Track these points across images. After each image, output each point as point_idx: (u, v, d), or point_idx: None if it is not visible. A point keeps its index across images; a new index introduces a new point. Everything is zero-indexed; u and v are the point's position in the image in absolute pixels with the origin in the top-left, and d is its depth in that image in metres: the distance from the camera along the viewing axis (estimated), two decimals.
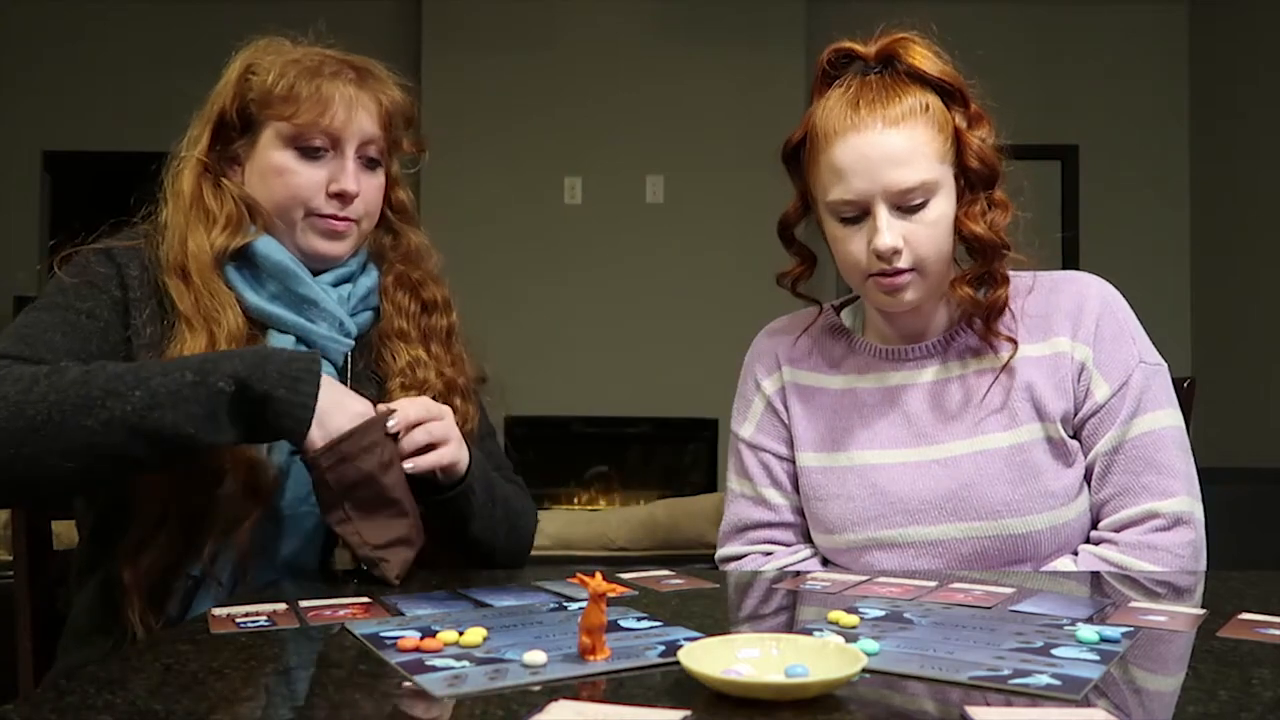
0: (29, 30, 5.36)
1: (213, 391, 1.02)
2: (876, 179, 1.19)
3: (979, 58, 1.29)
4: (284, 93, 1.22)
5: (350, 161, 1.24)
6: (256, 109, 1.24)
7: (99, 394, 1.00)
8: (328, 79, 1.23)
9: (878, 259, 1.21)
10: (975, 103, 1.25)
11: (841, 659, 0.68)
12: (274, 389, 1.03)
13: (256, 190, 1.25)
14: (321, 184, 1.24)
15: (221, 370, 1.03)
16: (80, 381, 1.01)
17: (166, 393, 1.01)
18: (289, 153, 1.23)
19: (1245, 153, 5.05)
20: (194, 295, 1.18)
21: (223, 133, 1.27)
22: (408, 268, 1.34)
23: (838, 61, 1.28)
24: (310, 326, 1.23)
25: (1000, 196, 1.25)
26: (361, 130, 1.25)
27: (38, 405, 0.99)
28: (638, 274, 5.19)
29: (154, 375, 1.02)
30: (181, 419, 1.01)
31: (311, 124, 1.22)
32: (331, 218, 1.25)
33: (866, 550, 1.28)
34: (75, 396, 1.00)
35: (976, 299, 1.26)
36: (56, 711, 0.63)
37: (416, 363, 1.29)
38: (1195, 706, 0.65)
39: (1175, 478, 1.23)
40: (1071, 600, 0.97)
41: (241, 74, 1.26)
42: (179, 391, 1.01)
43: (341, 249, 1.27)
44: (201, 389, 1.02)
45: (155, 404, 1.00)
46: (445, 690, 0.66)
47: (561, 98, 5.22)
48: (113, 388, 1.00)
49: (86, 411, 0.99)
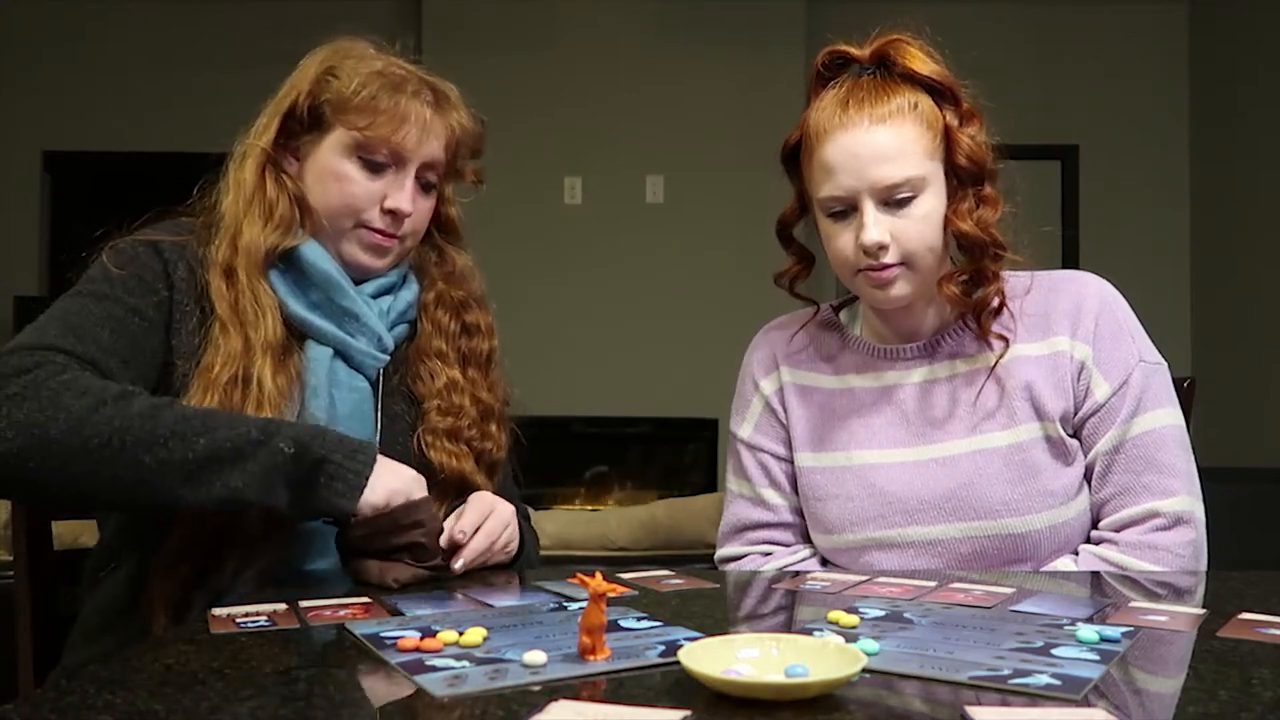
0: (29, 30, 5.35)
1: (273, 451, 1.02)
2: (863, 175, 1.21)
3: (979, 58, 1.29)
4: (363, 103, 1.21)
5: (409, 181, 1.24)
6: (330, 111, 1.23)
7: (164, 434, 1.00)
8: (408, 97, 1.22)
9: (865, 254, 1.22)
10: (967, 101, 1.26)
11: (841, 659, 0.68)
12: (331, 453, 1.04)
13: (311, 190, 1.24)
14: (376, 198, 1.23)
15: (284, 433, 1.03)
16: (148, 415, 1.01)
17: (230, 447, 1.01)
18: (352, 162, 1.22)
19: (1245, 153, 5.04)
20: (235, 295, 1.17)
21: (288, 125, 1.25)
22: (450, 287, 1.34)
23: (832, 63, 1.29)
24: (349, 340, 1.22)
25: (989, 193, 1.25)
26: (428, 154, 1.24)
27: (100, 428, 0.98)
28: (638, 274, 5.18)
29: (220, 427, 1.02)
30: (237, 475, 1.01)
31: (383, 139, 1.21)
32: (380, 233, 1.24)
33: (866, 550, 1.28)
34: (139, 430, 0.99)
35: (963, 298, 1.26)
36: (56, 711, 0.63)
37: (453, 386, 1.28)
38: (1195, 706, 0.65)
39: (1176, 477, 1.23)
40: (1071, 600, 0.97)
41: (321, 73, 1.24)
42: (241, 448, 1.01)
43: (382, 264, 1.26)
44: (264, 448, 1.02)
45: (216, 456, 1.00)
46: (445, 690, 0.66)
47: (561, 98, 5.21)
48: (179, 430, 1.00)
49: (147, 448, 0.99)
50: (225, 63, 5.21)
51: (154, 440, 0.99)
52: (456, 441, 1.26)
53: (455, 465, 1.25)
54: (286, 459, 1.02)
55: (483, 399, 1.30)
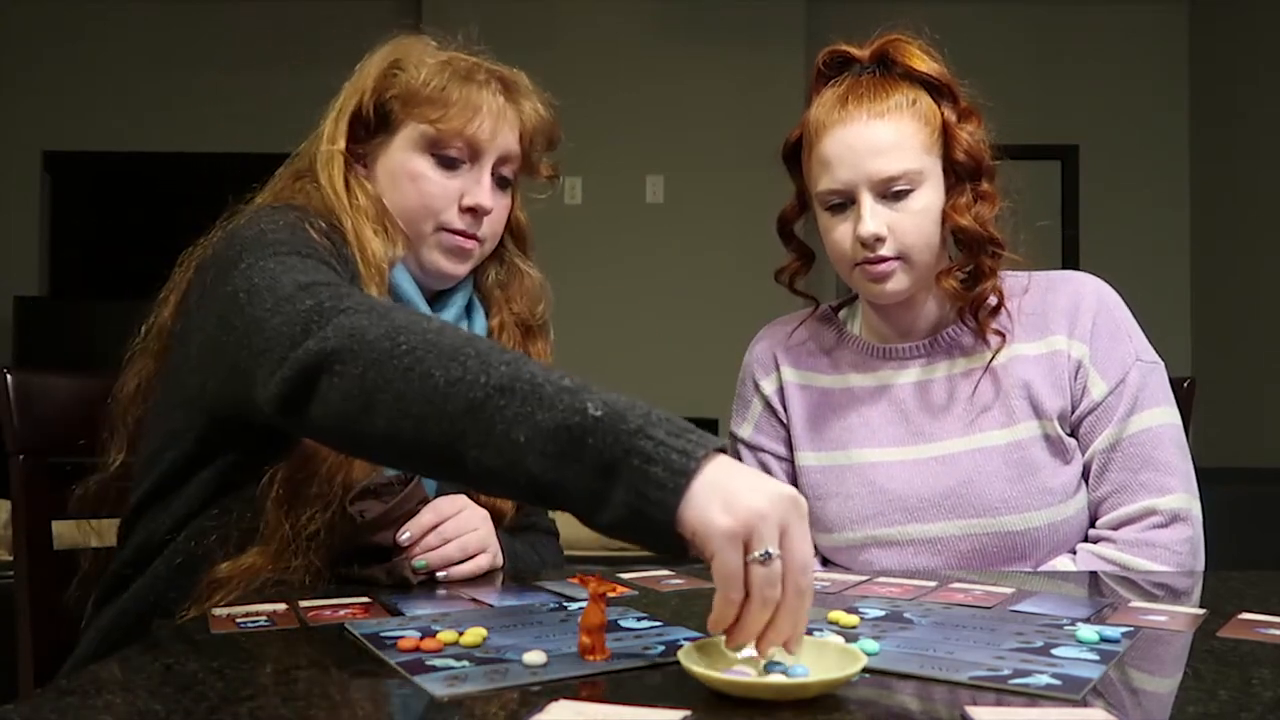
0: (29, 30, 5.35)
1: (574, 410, 0.72)
2: (860, 168, 1.22)
3: (979, 58, 1.30)
4: (433, 94, 1.15)
5: (486, 176, 1.18)
6: (399, 106, 1.17)
7: (466, 352, 0.78)
8: (479, 86, 1.17)
9: (862, 246, 1.23)
10: (965, 99, 1.28)
11: (841, 659, 0.68)
12: (653, 428, 0.71)
13: (385, 195, 1.17)
14: (454, 196, 1.17)
15: (595, 397, 0.73)
16: (443, 331, 0.82)
17: (531, 383, 0.75)
18: (426, 159, 1.17)
19: (1245, 153, 5.04)
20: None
21: (354, 130, 1.18)
22: (520, 312, 1.26)
23: (833, 62, 1.31)
24: None
25: (987, 189, 1.26)
26: (503, 145, 1.19)
27: (412, 337, 0.81)
28: (638, 274, 5.18)
29: (529, 362, 0.78)
30: (523, 425, 0.73)
31: (456, 131, 1.16)
32: (461, 234, 1.18)
33: (865, 548, 1.28)
34: (440, 342, 0.80)
35: (962, 291, 1.26)
36: (56, 711, 0.63)
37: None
38: (1195, 706, 0.65)
39: (1173, 475, 1.24)
40: (1071, 600, 0.97)
41: (386, 68, 1.18)
42: (542, 390, 0.74)
43: (463, 270, 1.20)
44: (570, 398, 0.73)
45: (510, 388, 0.75)
46: (445, 690, 0.66)
47: (561, 98, 5.19)
48: (481, 351, 0.79)
49: (443, 362, 0.78)
50: (225, 63, 5.22)
51: (453, 355, 0.78)
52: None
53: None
54: (590, 422, 0.71)
55: None
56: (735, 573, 0.67)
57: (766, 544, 0.67)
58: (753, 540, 0.66)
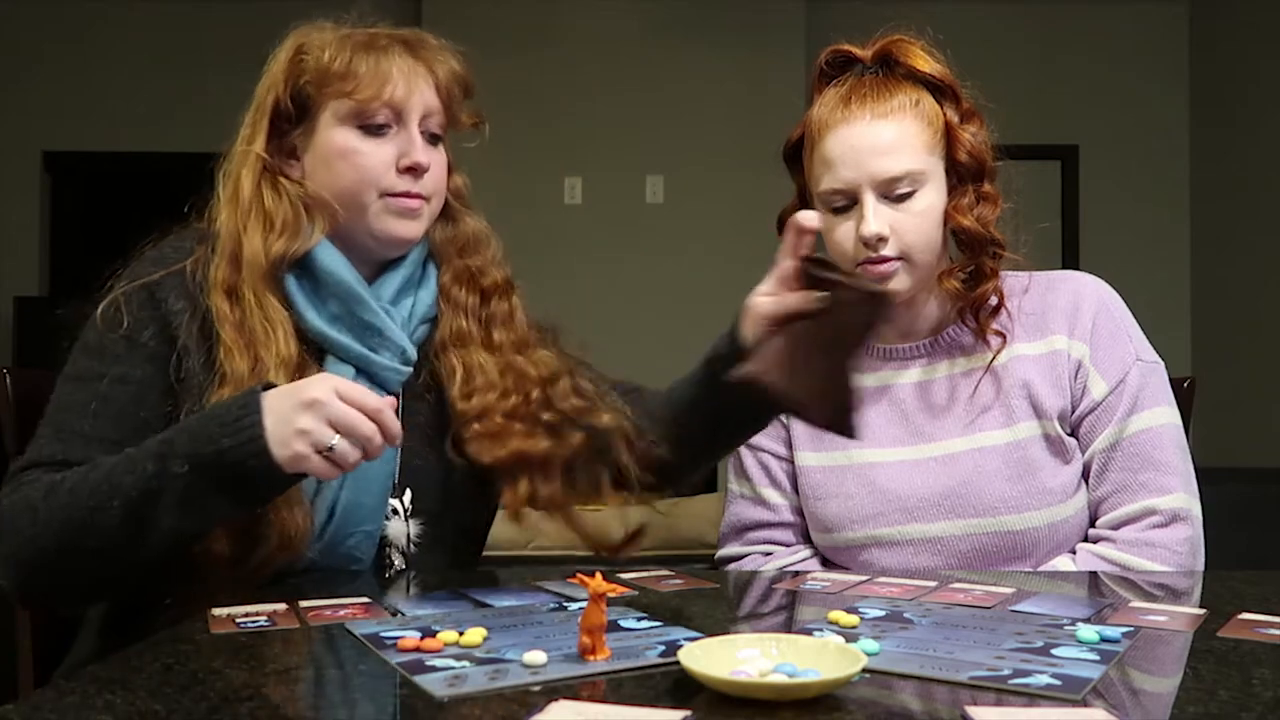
0: (29, 30, 5.35)
1: (172, 478, 0.96)
2: (863, 167, 1.22)
3: (979, 58, 1.30)
4: (342, 69, 1.16)
5: (416, 133, 1.19)
6: (314, 90, 1.18)
7: (83, 514, 0.98)
8: (383, 52, 1.18)
9: (865, 246, 1.22)
10: (967, 100, 1.28)
11: (841, 659, 0.68)
12: (220, 442, 0.96)
13: (320, 179, 1.18)
14: (390, 161, 1.17)
15: (175, 452, 0.97)
16: (67, 505, 1.00)
17: (139, 494, 0.97)
18: (352, 132, 1.17)
19: (1245, 152, 5.05)
20: (240, 315, 1.11)
21: (277, 125, 1.20)
22: (467, 259, 1.27)
23: (835, 62, 1.31)
24: (372, 357, 1.16)
25: (989, 190, 1.26)
26: (423, 102, 1.19)
27: (43, 538, 1.00)
28: (638, 274, 5.18)
29: (124, 475, 0.98)
30: (164, 517, 0.97)
31: (373, 98, 1.16)
32: (405, 195, 1.18)
33: (865, 548, 1.28)
34: (70, 520, 0.99)
35: (964, 291, 1.27)
36: (56, 711, 0.63)
37: (474, 369, 1.21)
38: (1195, 706, 0.65)
39: (1172, 474, 1.24)
40: (1071, 600, 0.97)
41: (292, 57, 1.20)
42: (147, 489, 0.97)
43: (416, 230, 1.20)
44: (165, 479, 0.96)
45: (135, 511, 0.97)
46: (445, 690, 0.66)
47: (561, 98, 5.21)
48: (96, 503, 0.98)
49: (83, 534, 0.98)
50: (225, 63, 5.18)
51: (84, 525, 0.98)
52: (490, 421, 1.18)
53: (499, 452, 1.17)
54: (186, 479, 0.96)
55: (515, 364, 1.22)
56: (328, 471, 0.96)
57: (326, 440, 0.94)
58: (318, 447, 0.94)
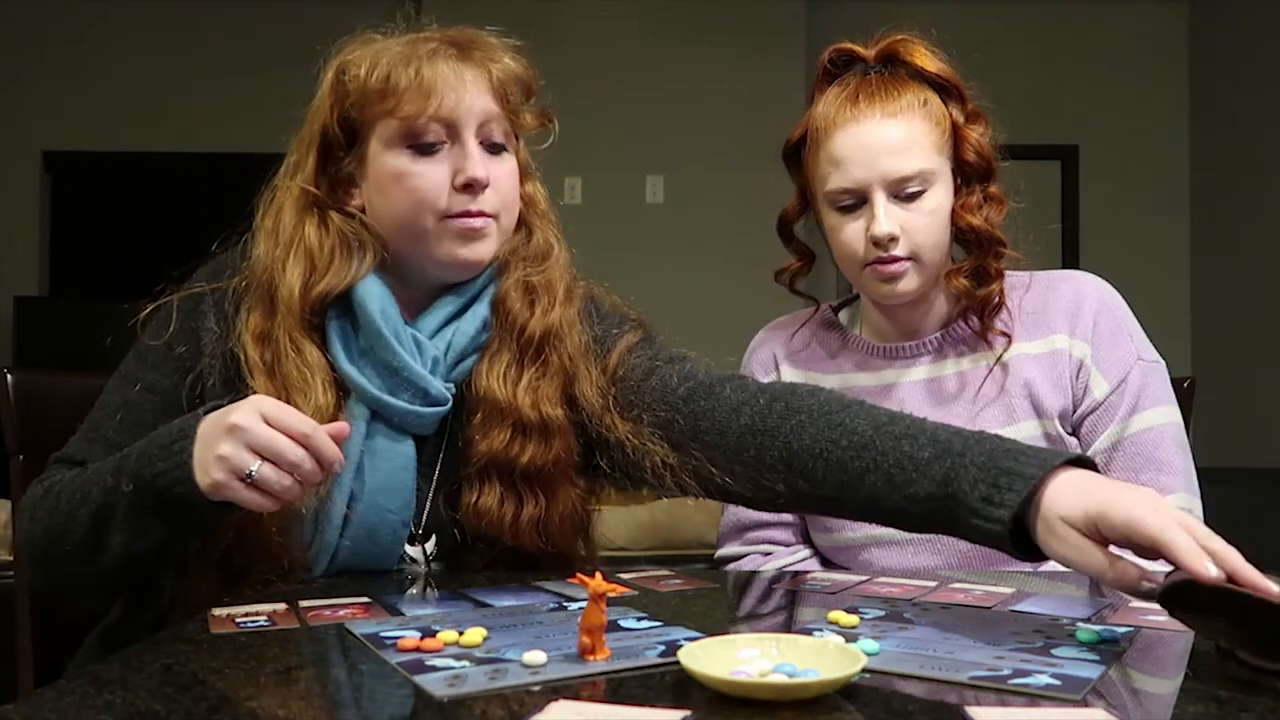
0: (29, 30, 5.35)
1: (121, 495, 0.97)
2: (874, 167, 1.21)
3: (979, 58, 1.30)
4: (380, 86, 1.06)
5: (472, 146, 1.08)
6: (358, 113, 1.08)
7: (61, 519, 1.01)
8: (426, 60, 1.07)
9: (875, 246, 1.22)
10: (971, 101, 1.28)
11: (841, 659, 0.68)
12: (155, 465, 0.95)
13: (378, 208, 1.10)
14: (445, 180, 1.07)
15: (125, 470, 0.97)
16: (53, 508, 1.02)
17: (99, 507, 0.98)
18: (403, 153, 1.07)
19: (1245, 153, 5.05)
20: (274, 359, 1.05)
21: (329, 154, 1.11)
22: (530, 271, 1.15)
23: (839, 60, 1.31)
24: (386, 399, 1.07)
25: (995, 191, 1.27)
26: (478, 109, 1.08)
27: (35, 534, 1.04)
28: (638, 274, 5.16)
29: (93, 486, 1.00)
30: (116, 530, 0.98)
31: (418, 113, 1.06)
32: (465, 215, 1.08)
33: (865, 548, 1.28)
34: (51, 522, 1.02)
35: (971, 290, 1.27)
36: (56, 711, 0.63)
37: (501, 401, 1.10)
38: (1195, 706, 0.65)
39: (1174, 474, 1.24)
40: (1071, 600, 0.97)
41: (335, 80, 1.10)
42: (104, 503, 0.98)
43: (485, 251, 1.10)
44: (116, 495, 0.97)
45: (99, 519, 0.99)
46: (445, 690, 0.66)
47: (561, 98, 5.20)
48: (71, 510, 1.00)
49: (60, 537, 1.01)
50: (226, 63, 5.22)
51: (60, 529, 1.01)
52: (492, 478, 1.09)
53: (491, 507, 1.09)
54: (132, 497, 0.96)
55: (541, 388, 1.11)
56: (256, 500, 0.91)
57: (245, 466, 0.90)
58: (238, 473, 0.90)
